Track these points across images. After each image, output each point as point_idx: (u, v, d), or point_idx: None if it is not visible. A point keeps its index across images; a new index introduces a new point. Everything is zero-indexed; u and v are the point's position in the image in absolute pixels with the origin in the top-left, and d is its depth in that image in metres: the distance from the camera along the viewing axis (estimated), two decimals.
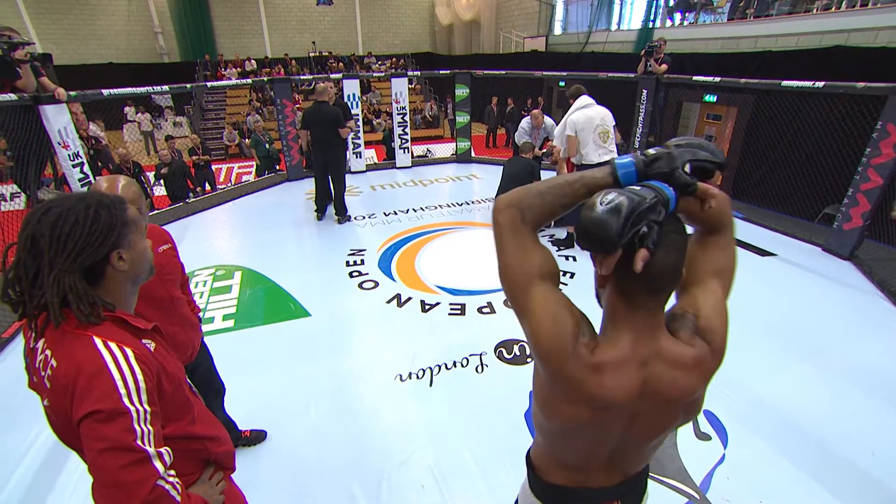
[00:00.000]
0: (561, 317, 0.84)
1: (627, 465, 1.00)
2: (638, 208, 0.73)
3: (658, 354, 0.85)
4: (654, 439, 0.94)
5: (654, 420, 0.89)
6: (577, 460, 0.99)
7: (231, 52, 17.90)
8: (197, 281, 4.05)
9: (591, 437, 0.92)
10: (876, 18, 6.72)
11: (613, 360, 0.83)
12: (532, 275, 0.88)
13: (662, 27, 10.76)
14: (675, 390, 0.85)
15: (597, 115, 4.28)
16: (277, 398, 2.68)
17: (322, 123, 4.97)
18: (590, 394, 0.83)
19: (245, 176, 9.55)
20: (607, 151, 4.31)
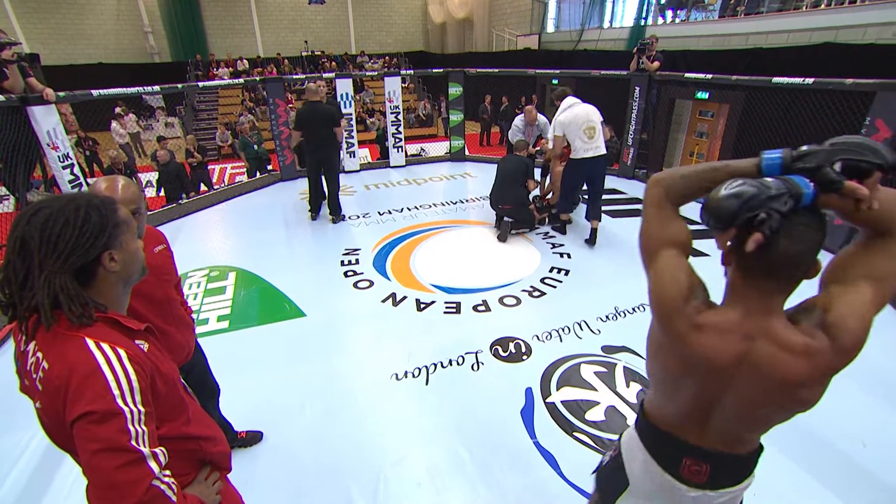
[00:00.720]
0: (678, 278, 0.98)
1: (724, 436, 1.04)
2: (758, 196, 0.81)
3: (766, 333, 0.91)
4: (750, 417, 0.98)
5: (750, 395, 0.94)
6: (676, 411, 1.08)
7: (223, 51, 17.78)
8: (191, 282, 4.03)
9: (688, 392, 1.02)
10: (864, 15, 6.80)
11: (717, 325, 0.94)
12: (664, 241, 1.01)
13: (654, 24, 10.81)
14: (774, 370, 0.90)
15: (582, 112, 4.42)
16: (273, 399, 2.67)
17: (316, 123, 4.94)
18: (688, 349, 0.95)
19: (238, 176, 9.49)
20: (592, 147, 4.43)
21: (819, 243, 0.86)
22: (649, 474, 1.15)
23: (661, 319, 1.01)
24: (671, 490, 1.11)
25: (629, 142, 6.92)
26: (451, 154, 8.39)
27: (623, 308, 3.49)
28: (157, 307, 1.63)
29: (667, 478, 1.11)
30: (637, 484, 1.18)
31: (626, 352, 3.01)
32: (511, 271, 4.12)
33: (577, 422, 2.46)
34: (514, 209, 4.78)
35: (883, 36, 6.44)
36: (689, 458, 1.07)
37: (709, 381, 0.97)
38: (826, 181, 0.82)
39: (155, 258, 1.64)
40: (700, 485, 1.08)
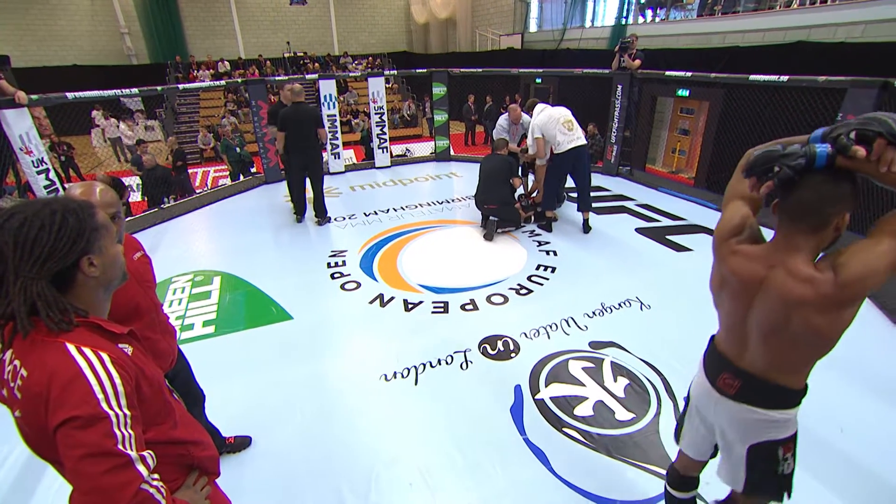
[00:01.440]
0: (733, 220, 1.28)
1: (757, 360, 1.27)
2: (772, 155, 1.09)
3: (783, 264, 1.15)
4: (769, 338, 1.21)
5: (767, 312, 1.18)
6: (724, 332, 1.36)
7: (203, 53, 17.52)
8: (175, 287, 3.97)
9: (726, 307, 1.31)
10: (834, 15, 6.99)
11: (748, 253, 1.23)
12: (736, 195, 1.33)
13: (635, 23, 10.96)
14: (780, 291, 1.14)
15: (555, 111, 4.69)
16: (262, 403, 2.65)
17: (300, 124, 4.90)
18: (725, 268, 1.28)
19: (222, 179, 9.37)
20: (573, 138, 4.62)
21: (832, 196, 1.06)
22: (699, 384, 1.46)
23: (714, 244, 1.33)
24: (708, 396, 1.40)
25: (612, 139, 6.99)
26: (437, 154, 8.40)
27: (609, 304, 3.54)
28: (144, 315, 1.60)
29: (707, 386, 1.40)
30: (694, 399, 1.51)
31: (614, 347, 3.05)
32: (498, 270, 4.14)
33: (567, 417, 2.48)
34: (500, 208, 4.80)
35: (852, 35, 6.64)
36: (727, 373, 1.33)
37: (738, 297, 1.25)
38: (839, 146, 1.01)
39: (135, 265, 1.62)
40: (730, 396, 1.33)
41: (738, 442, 1.36)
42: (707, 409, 1.43)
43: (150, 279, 1.72)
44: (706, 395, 1.41)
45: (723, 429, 1.39)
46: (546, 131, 4.65)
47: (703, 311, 3.38)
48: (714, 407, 1.39)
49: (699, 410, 1.48)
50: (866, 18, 6.52)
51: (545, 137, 4.69)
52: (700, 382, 1.45)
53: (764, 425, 1.30)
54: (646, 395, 2.63)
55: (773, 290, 1.15)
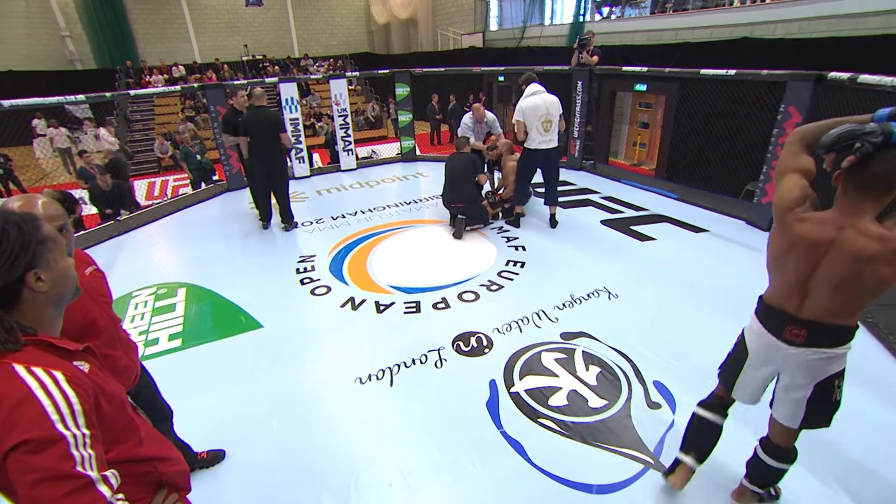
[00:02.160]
0: (794, 191, 1.45)
1: (819, 308, 1.44)
2: (854, 132, 1.24)
3: (853, 225, 1.32)
4: (837, 288, 1.38)
5: (836, 268, 1.35)
6: (782, 289, 1.54)
7: (155, 57, 16.84)
8: (137, 302, 3.82)
9: (791, 268, 1.47)
10: (774, 13, 7.38)
11: (817, 218, 1.40)
12: (793, 167, 1.49)
13: (592, 21, 11.23)
14: (853, 248, 1.31)
15: (543, 103, 4.55)
16: (235, 414, 2.58)
17: (262, 129, 4.79)
18: (793, 233, 1.43)
19: (183, 188, 9.06)
20: (546, 140, 4.61)
21: None
22: (762, 341, 1.60)
23: (778, 215, 1.49)
24: (775, 348, 1.56)
25: (575, 134, 7.16)
26: (403, 155, 8.38)
27: (579, 295, 3.62)
28: (101, 332, 1.54)
29: (772, 340, 1.56)
30: (753, 353, 1.65)
31: (584, 337, 3.13)
32: (468, 267, 4.17)
33: (542, 408, 2.53)
34: (468, 206, 4.84)
35: (790, 31, 7.03)
36: (792, 325, 1.50)
37: (807, 258, 1.41)
38: None
39: (88, 280, 1.55)
40: (799, 344, 1.50)
41: (805, 383, 1.55)
42: (773, 359, 1.60)
43: (105, 294, 1.65)
44: (771, 347, 1.58)
45: (791, 374, 1.57)
46: (526, 120, 4.57)
47: (668, 298, 3.53)
48: (782, 356, 1.56)
49: (762, 363, 1.64)
50: (802, 16, 6.92)
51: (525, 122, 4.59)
52: (761, 339, 1.61)
53: (828, 362, 1.50)
54: (617, 381, 2.71)
55: (846, 247, 1.33)
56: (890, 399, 2.53)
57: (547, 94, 4.64)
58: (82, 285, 1.01)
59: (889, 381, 2.67)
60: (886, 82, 3.20)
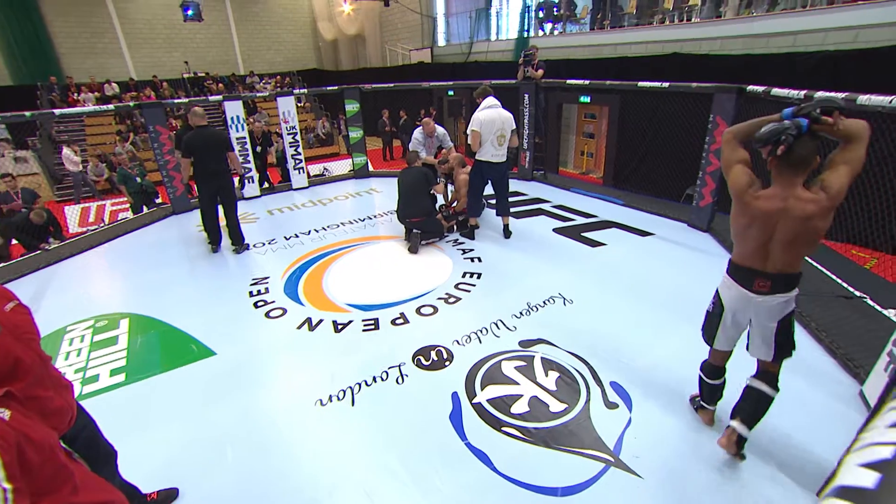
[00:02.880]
0: (742, 177, 1.91)
1: (777, 261, 1.88)
2: (778, 130, 1.74)
3: (793, 196, 1.78)
4: (790, 246, 1.83)
5: (788, 230, 1.80)
6: (746, 249, 1.94)
7: (83, 73, 15.85)
8: (71, 337, 3.56)
9: (754, 235, 1.89)
10: (698, 31, 7.99)
11: (767, 195, 1.84)
12: (735, 160, 1.97)
13: (536, 36, 11.67)
14: (798, 212, 1.76)
15: (499, 118, 4.67)
16: (188, 449, 2.45)
17: (207, 149, 4.63)
18: (752, 209, 1.86)
19: (122, 213, 8.55)
20: (498, 154, 4.73)
21: (815, 150, 1.75)
22: (734, 293, 2.02)
23: (736, 197, 1.92)
24: (746, 299, 1.99)
25: (525, 146, 7.37)
26: (355, 171, 8.32)
27: (535, 303, 3.71)
28: (28, 372, 1.42)
29: (744, 292, 1.99)
30: (728, 304, 2.07)
31: (542, 343, 3.20)
32: (425, 281, 4.19)
33: (504, 417, 2.56)
34: (423, 221, 4.86)
35: (713, 48, 7.63)
36: (759, 278, 1.93)
37: (765, 226, 1.85)
38: (813, 118, 1.71)
39: (9, 317, 1.43)
40: (765, 292, 1.94)
41: (770, 323, 1.98)
42: (745, 309, 2.02)
43: (30, 331, 1.52)
44: (743, 300, 2.00)
45: (759, 318, 2.00)
46: (483, 132, 4.64)
47: (620, 300, 3.68)
48: (752, 305, 1.98)
49: (735, 315, 2.07)
50: (722, 34, 7.54)
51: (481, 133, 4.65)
52: (734, 294, 2.03)
53: (786, 304, 1.94)
54: (576, 384, 2.79)
55: (794, 213, 1.77)
56: (826, 386, 2.74)
57: (502, 109, 4.74)
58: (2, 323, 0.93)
59: (824, 370, 2.90)
60: (793, 95, 3.53)
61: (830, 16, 6.28)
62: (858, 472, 0.39)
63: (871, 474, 0.38)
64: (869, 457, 0.40)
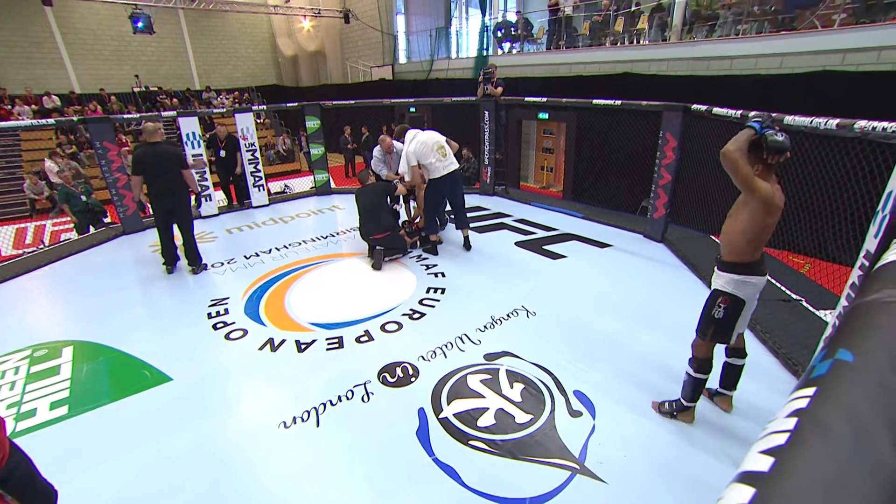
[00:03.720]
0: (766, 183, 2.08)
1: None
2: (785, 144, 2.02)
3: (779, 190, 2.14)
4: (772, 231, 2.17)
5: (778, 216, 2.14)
6: (761, 244, 2.20)
7: (18, 85, 14.93)
8: (4, 370, 3.30)
9: (771, 227, 2.15)
10: (646, 52, 8.49)
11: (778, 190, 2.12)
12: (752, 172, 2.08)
13: (495, 55, 12.01)
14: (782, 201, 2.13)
15: (428, 137, 4.86)
16: (141, 483, 2.32)
17: (158, 166, 4.47)
18: (777, 206, 2.10)
19: (66, 234, 8.08)
20: (447, 164, 4.86)
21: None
22: (754, 286, 2.25)
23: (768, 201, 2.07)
24: (760, 284, 2.26)
25: (486, 161, 7.52)
26: (317, 188, 8.23)
27: (499, 316, 3.76)
28: None
29: (763, 279, 2.26)
30: (749, 298, 2.27)
31: (507, 356, 3.24)
32: (389, 298, 4.17)
33: (471, 430, 2.57)
34: (386, 238, 4.86)
35: (661, 68, 8.12)
36: (763, 265, 2.24)
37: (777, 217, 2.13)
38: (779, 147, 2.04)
39: None
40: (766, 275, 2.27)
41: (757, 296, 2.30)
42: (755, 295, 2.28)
43: None
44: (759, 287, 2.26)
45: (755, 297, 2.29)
46: (421, 158, 4.82)
47: (581, 311, 3.79)
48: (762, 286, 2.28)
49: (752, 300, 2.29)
50: (667, 56, 8.03)
51: (420, 164, 4.85)
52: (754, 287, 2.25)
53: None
54: (540, 395, 2.84)
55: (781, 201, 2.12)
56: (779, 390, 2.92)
57: (423, 130, 4.98)
58: None
59: (768, 369, 3.08)
60: (732, 114, 3.81)
61: (760, 43, 6.84)
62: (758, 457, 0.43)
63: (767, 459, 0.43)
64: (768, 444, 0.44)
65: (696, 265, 4.54)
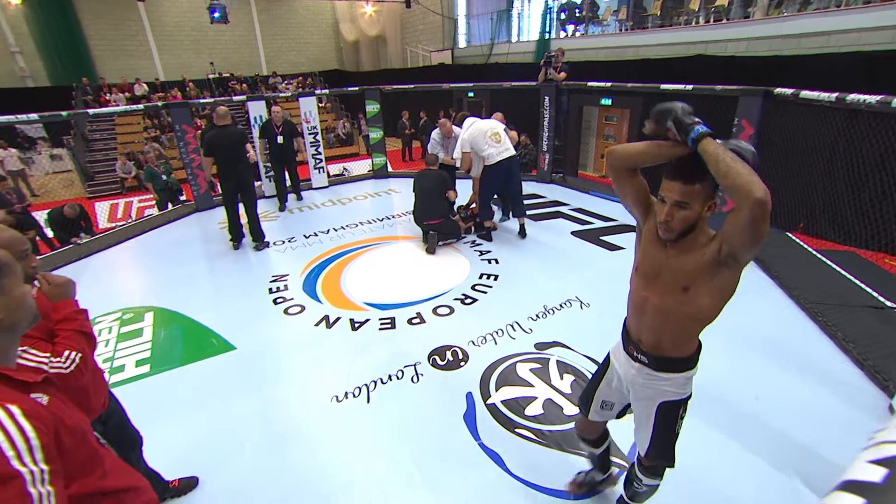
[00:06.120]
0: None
1: None
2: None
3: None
4: None
5: None
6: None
7: (115, 74, 16.32)
8: (100, 328, 3.68)
9: None
10: (724, 32, 7.84)
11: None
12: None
13: (557, 38, 11.60)
14: None
15: (484, 124, 4.84)
16: (207, 440, 2.52)
17: (227, 148, 4.75)
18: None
19: (148, 210, 8.80)
20: (502, 150, 4.80)
21: None
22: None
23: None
24: None
25: (544, 148, 7.34)
26: (374, 171, 8.40)
27: (552, 306, 3.69)
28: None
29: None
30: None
31: (558, 346, 3.19)
32: (442, 282, 4.20)
33: (518, 418, 2.56)
34: (440, 223, 4.88)
35: (739, 49, 7.48)
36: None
37: None
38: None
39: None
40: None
41: None
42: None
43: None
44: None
45: None
46: (475, 145, 4.80)
47: None
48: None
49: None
50: (748, 35, 7.38)
51: (474, 151, 4.83)
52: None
53: None
54: None
55: None
56: (845, 395, 2.67)
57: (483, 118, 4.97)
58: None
59: (850, 381, 2.82)
60: (824, 97, 3.43)
61: (867, 15, 6.07)
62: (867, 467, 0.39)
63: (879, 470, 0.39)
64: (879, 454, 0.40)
65: (765, 262, 4.21)
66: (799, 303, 3.61)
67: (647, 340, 1.52)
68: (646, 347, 1.53)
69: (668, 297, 1.42)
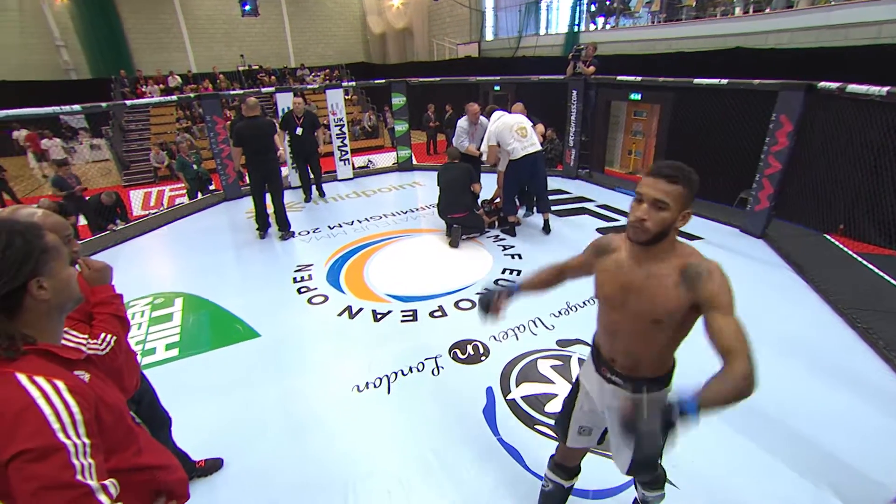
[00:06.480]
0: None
1: None
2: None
3: None
4: None
5: None
6: None
7: (151, 67, 16.83)
8: (133, 311, 3.82)
9: None
10: (765, 23, 7.51)
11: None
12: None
13: (587, 31, 11.36)
14: None
15: (511, 118, 4.80)
16: (232, 423, 2.58)
17: (256, 139, 4.83)
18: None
19: (179, 198, 9.07)
20: (528, 145, 4.75)
21: None
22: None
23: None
24: None
25: (570, 143, 7.22)
26: (399, 164, 8.42)
27: (574, 303, 3.64)
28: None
29: None
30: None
31: (580, 343, 3.14)
32: (465, 275, 4.19)
33: (538, 415, 2.54)
34: (464, 217, 4.86)
35: (780, 41, 7.16)
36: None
37: None
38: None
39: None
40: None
41: None
42: None
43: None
44: None
45: None
46: (501, 139, 4.76)
47: None
48: None
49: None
50: (792, 26, 7.05)
51: (499, 145, 4.79)
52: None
53: None
54: None
55: None
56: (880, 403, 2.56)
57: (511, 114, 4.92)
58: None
59: (893, 392, 2.70)
60: (874, 91, 3.26)
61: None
62: None
63: None
64: None
65: (801, 266, 4.04)
66: (836, 308, 3.47)
67: (621, 362, 1.46)
68: (620, 369, 1.47)
69: (638, 324, 1.36)
